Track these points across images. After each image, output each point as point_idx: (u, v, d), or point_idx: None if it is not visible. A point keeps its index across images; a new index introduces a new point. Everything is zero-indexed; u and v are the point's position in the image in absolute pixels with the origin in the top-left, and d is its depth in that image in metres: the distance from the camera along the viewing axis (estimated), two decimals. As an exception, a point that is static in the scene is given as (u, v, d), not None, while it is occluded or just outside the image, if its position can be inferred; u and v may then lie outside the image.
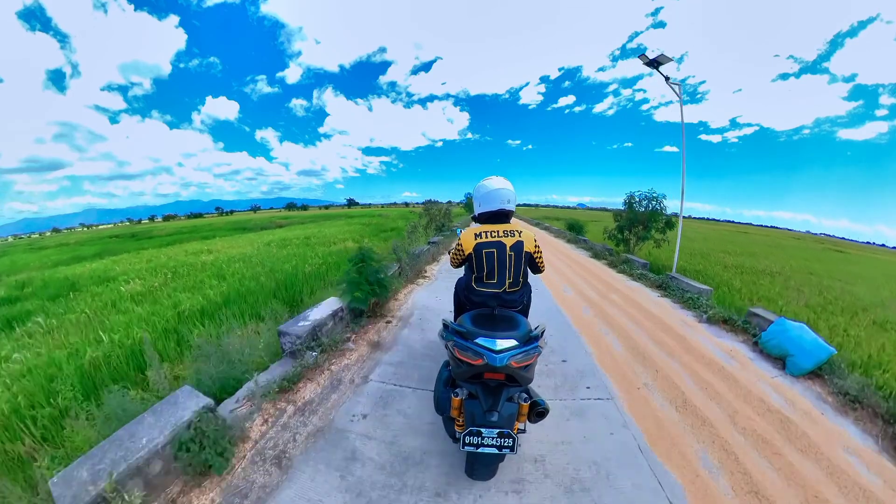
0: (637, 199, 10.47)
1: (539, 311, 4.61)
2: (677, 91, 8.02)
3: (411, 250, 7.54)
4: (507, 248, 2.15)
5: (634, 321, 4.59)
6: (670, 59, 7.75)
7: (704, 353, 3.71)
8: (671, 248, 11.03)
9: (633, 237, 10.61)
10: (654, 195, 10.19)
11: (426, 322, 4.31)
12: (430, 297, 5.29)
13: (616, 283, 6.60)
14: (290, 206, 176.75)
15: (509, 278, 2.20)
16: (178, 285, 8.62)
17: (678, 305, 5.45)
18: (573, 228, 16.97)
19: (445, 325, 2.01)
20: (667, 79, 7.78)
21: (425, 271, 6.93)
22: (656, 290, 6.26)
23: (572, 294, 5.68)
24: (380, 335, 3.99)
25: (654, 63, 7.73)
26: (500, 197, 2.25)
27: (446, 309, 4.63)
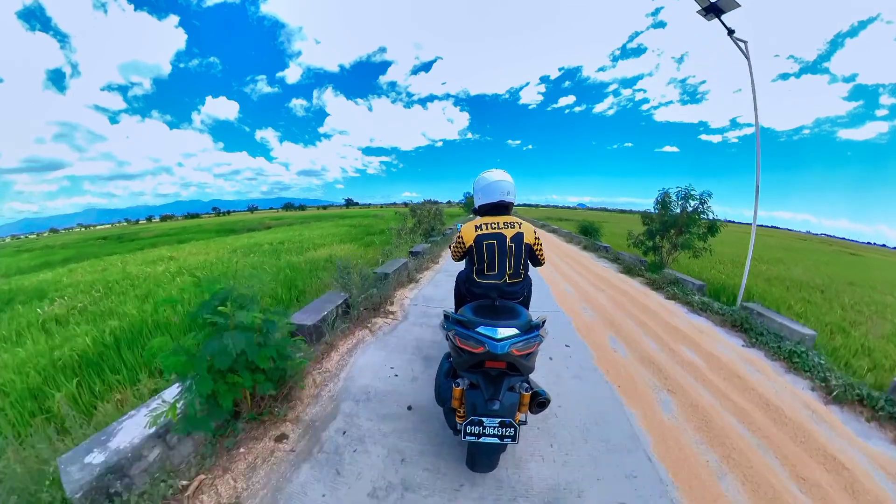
0: (673, 198, 8.35)
1: (584, 402, 2.53)
2: (744, 49, 5.86)
3: (376, 270, 5.42)
4: (508, 240, 2.13)
5: (744, 418, 2.48)
6: (737, 5, 5.62)
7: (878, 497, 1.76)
8: (715, 258, 9.02)
9: (666, 244, 8.50)
10: (693, 192, 8.08)
11: (353, 446, 2.13)
12: (382, 365, 3.07)
13: (677, 322, 4.46)
14: (288, 206, 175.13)
15: (510, 269, 2.17)
16: (97, 309, 6.93)
17: (779, 365, 3.41)
18: (588, 232, 14.61)
19: (447, 316, 1.99)
20: (730, 32, 5.65)
21: (391, 301, 4.79)
22: (733, 333, 4.18)
23: (625, 352, 3.50)
24: (247, 483, 1.88)
25: (714, 9, 5.61)
26: (499, 188, 2.22)
27: (404, 398, 2.53)
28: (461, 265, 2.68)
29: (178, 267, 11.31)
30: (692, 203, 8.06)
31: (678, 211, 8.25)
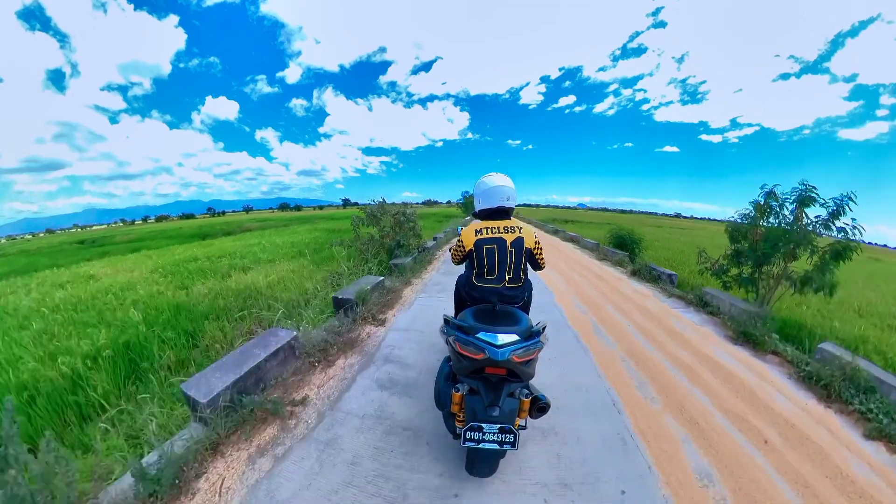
0: (783, 202, 5.06)
1: None
2: None
3: (183, 385, 2.17)
4: (508, 244, 2.12)
5: None
6: None
7: None
8: (837, 297, 5.40)
9: (765, 275, 5.25)
10: (815, 194, 4.81)
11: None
12: None
13: None
14: (284, 206, 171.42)
15: (509, 274, 2.14)
16: None
17: None
18: (626, 246, 10.00)
19: (447, 321, 1.98)
20: None
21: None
22: None
23: None
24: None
25: None
26: (499, 194, 2.19)
27: None
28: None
29: (62, 299, 8.11)
30: (816, 211, 4.80)
31: (790, 221, 4.99)
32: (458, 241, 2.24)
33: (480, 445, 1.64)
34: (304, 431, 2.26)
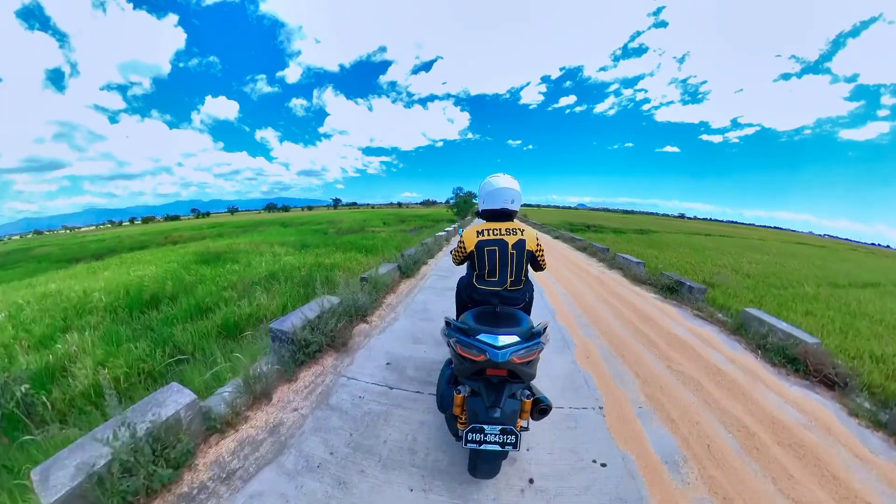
0: None
1: None
2: None
3: None
4: (510, 246, 2.14)
5: None
6: None
7: None
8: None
9: None
10: None
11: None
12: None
13: None
14: (270, 206, 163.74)
15: (511, 276, 2.17)
16: None
17: None
18: None
19: (448, 323, 1.98)
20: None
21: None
22: None
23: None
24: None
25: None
26: (503, 196, 2.20)
27: None
28: None
29: None
30: None
31: None
32: (460, 242, 2.25)
33: (482, 447, 1.66)
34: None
